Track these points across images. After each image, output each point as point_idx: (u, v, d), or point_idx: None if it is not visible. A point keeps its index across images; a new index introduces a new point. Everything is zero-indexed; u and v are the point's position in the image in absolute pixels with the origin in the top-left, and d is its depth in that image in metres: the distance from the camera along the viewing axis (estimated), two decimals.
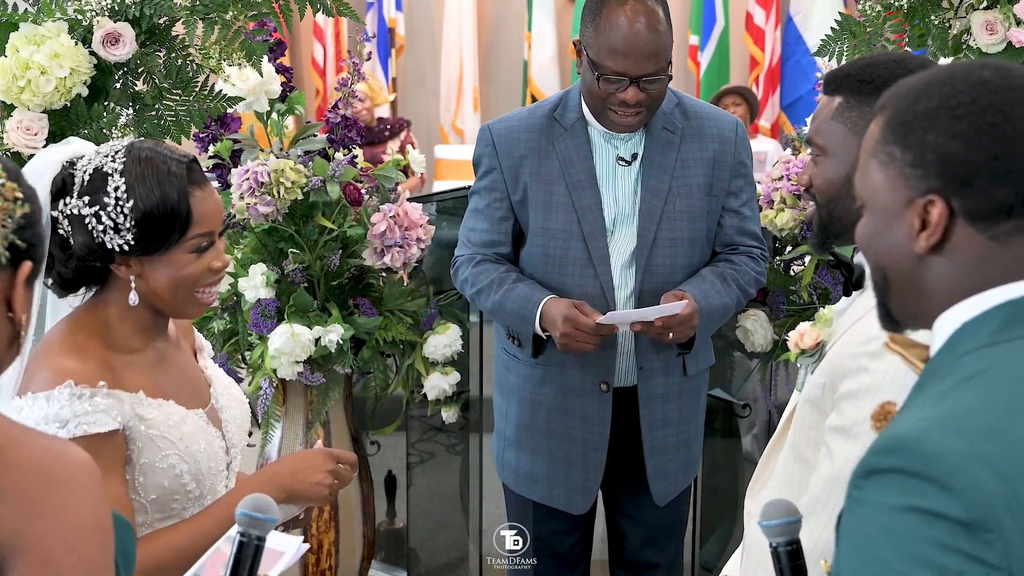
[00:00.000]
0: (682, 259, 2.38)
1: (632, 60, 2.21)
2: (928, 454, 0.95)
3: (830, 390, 1.61)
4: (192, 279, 1.66)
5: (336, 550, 2.93)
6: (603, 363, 2.38)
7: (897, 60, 1.63)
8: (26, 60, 2.22)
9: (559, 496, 2.49)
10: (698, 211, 2.39)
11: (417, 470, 3.70)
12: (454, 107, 7.61)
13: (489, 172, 2.42)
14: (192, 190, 1.64)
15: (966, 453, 0.94)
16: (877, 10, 2.53)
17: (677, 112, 2.41)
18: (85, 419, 1.57)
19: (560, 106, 2.42)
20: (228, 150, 2.85)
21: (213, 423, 1.75)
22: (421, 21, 7.81)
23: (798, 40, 7.19)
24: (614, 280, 2.36)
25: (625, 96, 2.24)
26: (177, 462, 1.65)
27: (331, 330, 2.69)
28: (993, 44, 2.40)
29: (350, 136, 2.86)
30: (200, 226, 1.65)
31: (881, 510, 0.96)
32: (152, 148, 1.66)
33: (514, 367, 2.50)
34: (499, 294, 2.35)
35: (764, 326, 2.97)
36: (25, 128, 2.27)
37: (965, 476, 0.93)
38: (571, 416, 2.43)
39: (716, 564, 3.50)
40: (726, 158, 2.41)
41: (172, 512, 1.68)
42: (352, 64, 2.88)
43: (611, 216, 2.37)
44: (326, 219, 2.75)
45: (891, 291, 1.14)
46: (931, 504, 0.93)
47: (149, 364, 1.70)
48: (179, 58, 2.37)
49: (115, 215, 1.60)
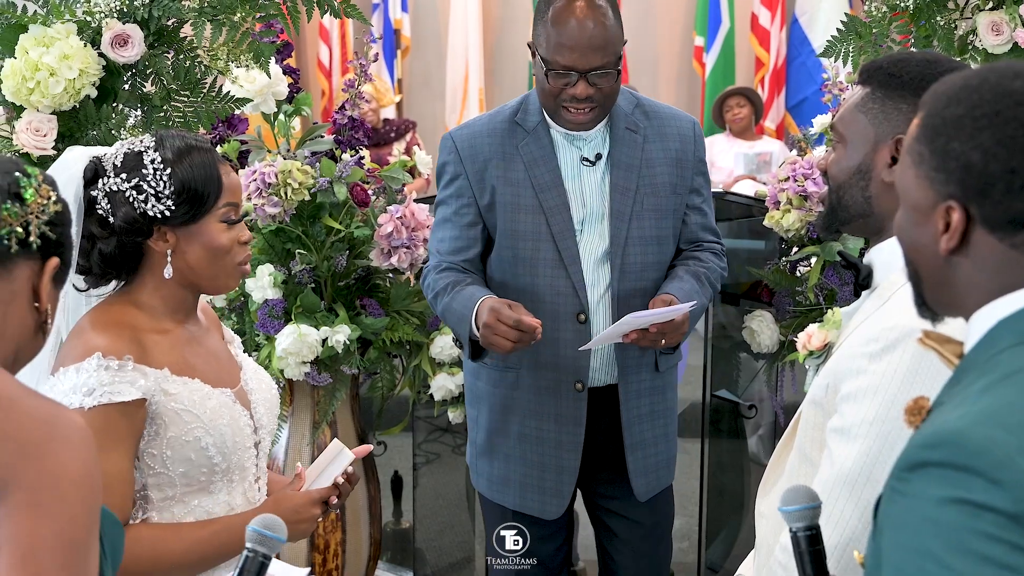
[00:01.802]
0: (652, 256, 2.41)
1: (579, 54, 2.25)
2: (975, 448, 0.96)
3: (832, 391, 1.61)
4: (225, 249, 1.77)
5: (342, 550, 2.93)
6: (577, 362, 2.39)
7: (931, 60, 1.63)
8: (35, 62, 2.23)
9: (532, 501, 2.48)
10: (665, 209, 2.42)
11: (423, 471, 3.70)
12: (460, 108, 7.62)
13: (455, 179, 2.43)
14: (219, 163, 1.77)
15: (1012, 446, 0.95)
16: (883, 11, 2.53)
17: (638, 112, 2.45)
18: (110, 388, 1.64)
19: (521, 110, 2.44)
20: (235, 151, 2.85)
21: (241, 403, 1.82)
22: (427, 22, 7.82)
23: (803, 41, 7.19)
24: (586, 279, 2.37)
25: (575, 91, 2.28)
26: (203, 435, 1.72)
27: (338, 331, 2.69)
28: (999, 45, 2.40)
29: (357, 137, 2.87)
30: (229, 195, 1.77)
31: (927, 502, 0.97)
32: (176, 132, 1.80)
33: (484, 373, 2.50)
34: (449, 296, 2.36)
35: (770, 327, 2.97)
36: (34, 130, 2.28)
37: (1012, 469, 0.94)
38: (544, 418, 2.43)
39: (722, 565, 3.50)
40: (687, 156, 2.46)
41: (200, 485, 1.75)
42: (359, 65, 2.89)
43: (579, 216, 2.39)
44: (333, 220, 2.75)
45: (923, 283, 1.16)
46: (978, 496, 0.94)
47: (178, 343, 1.78)
48: (187, 60, 2.38)
49: (155, 183, 1.72)
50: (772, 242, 3.18)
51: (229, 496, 1.80)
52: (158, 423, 1.69)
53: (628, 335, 2.24)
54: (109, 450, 1.62)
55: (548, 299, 2.36)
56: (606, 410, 2.44)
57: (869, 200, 1.64)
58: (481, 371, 2.50)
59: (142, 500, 1.72)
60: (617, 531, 2.58)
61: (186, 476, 1.73)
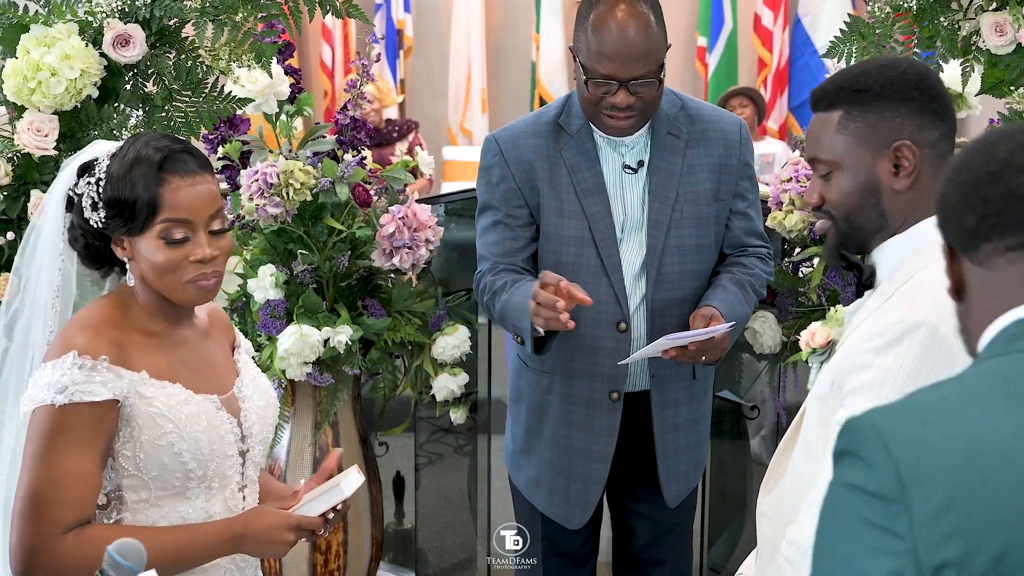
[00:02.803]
0: (691, 266, 2.38)
1: (619, 63, 2.21)
2: (858, 432, 1.02)
3: (837, 387, 1.61)
4: (163, 268, 1.70)
5: (344, 551, 2.93)
6: (614, 371, 2.36)
7: (886, 64, 1.64)
8: (36, 62, 2.23)
9: (557, 508, 2.48)
10: (705, 217, 2.38)
11: (425, 471, 3.70)
12: (462, 109, 7.62)
13: (502, 181, 2.40)
14: (168, 177, 1.68)
15: (892, 433, 1.00)
16: (886, 12, 2.52)
17: (682, 116, 2.40)
18: (81, 387, 1.63)
19: (564, 112, 2.41)
20: (237, 151, 2.85)
21: (228, 410, 1.79)
22: (429, 23, 7.82)
23: (806, 42, 7.18)
24: (627, 288, 2.35)
25: (615, 100, 2.24)
26: (176, 440, 1.69)
27: (340, 331, 2.69)
28: (1003, 46, 2.39)
29: (359, 137, 2.87)
30: (169, 212, 1.68)
31: (832, 487, 1.04)
32: (149, 135, 1.75)
33: (524, 373, 2.50)
34: (508, 293, 2.32)
35: (772, 328, 2.97)
36: (36, 130, 2.28)
37: (887, 453, 0.99)
38: (576, 427, 2.41)
39: (724, 566, 3.50)
40: (732, 161, 2.41)
41: (176, 490, 1.72)
42: (361, 66, 2.88)
43: (620, 223, 2.36)
44: (335, 220, 2.75)
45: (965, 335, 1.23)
46: (858, 480, 1.00)
47: (165, 347, 1.76)
48: (189, 60, 2.38)
49: (95, 193, 1.71)
50: (775, 243, 3.17)
51: (207, 503, 1.77)
52: (132, 425, 1.68)
53: (667, 351, 2.21)
54: (74, 448, 1.63)
55: (590, 306, 2.34)
56: (638, 416, 2.43)
57: (884, 213, 1.63)
58: (523, 371, 2.49)
59: (117, 501, 1.71)
60: (639, 531, 2.58)
61: (160, 480, 1.71)
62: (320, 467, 1.91)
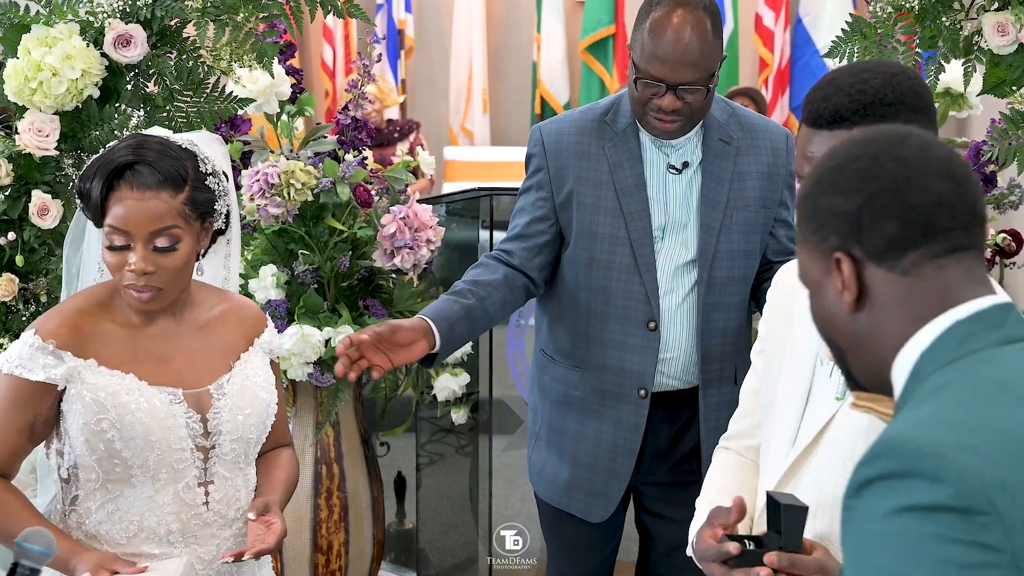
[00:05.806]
0: (739, 271, 2.40)
1: (670, 67, 2.21)
2: (912, 450, 0.96)
3: None
4: (109, 266, 1.79)
5: (346, 551, 2.93)
6: (642, 369, 2.37)
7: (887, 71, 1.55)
8: (38, 62, 2.23)
9: (579, 502, 2.47)
10: (754, 223, 2.40)
11: (427, 471, 3.70)
12: (463, 109, 7.61)
13: (537, 171, 2.43)
14: (118, 184, 1.75)
15: (949, 443, 0.95)
16: (888, 12, 2.51)
17: (733, 123, 2.42)
18: (24, 364, 1.75)
19: (612, 110, 2.42)
20: (238, 152, 2.85)
21: (193, 405, 1.82)
22: (430, 23, 7.81)
23: (807, 42, 7.18)
24: (660, 287, 2.36)
25: (662, 103, 2.25)
26: (107, 427, 1.76)
27: (341, 331, 2.69)
28: (1005, 46, 2.39)
29: (360, 138, 2.87)
30: (111, 219, 1.75)
31: (874, 519, 0.95)
32: (134, 136, 1.83)
33: (549, 368, 2.49)
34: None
35: None
36: (37, 130, 2.28)
37: (952, 464, 0.93)
38: (604, 420, 2.41)
39: None
40: (779, 170, 2.44)
41: (118, 476, 1.79)
42: (362, 66, 2.88)
43: (659, 222, 2.36)
44: (336, 220, 2.75)
45: (847, 357, 1.19)
46: (923, 498, 0.93)
47: (134, 337, 1.82)
48: (190, 60, 2.38)
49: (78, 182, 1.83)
50: None
51: (155, 493, 1.80)
52: (74, 409, 1.77)
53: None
54: (3, 410, 1.77)
55: (620, 303, 2.34)
56: (671, 417, 2.43)
57: None
58: (548, 366, 2.50)
59: (75, 478, 1.81)
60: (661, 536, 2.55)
61: (100, 464, 1.78)
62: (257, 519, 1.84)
